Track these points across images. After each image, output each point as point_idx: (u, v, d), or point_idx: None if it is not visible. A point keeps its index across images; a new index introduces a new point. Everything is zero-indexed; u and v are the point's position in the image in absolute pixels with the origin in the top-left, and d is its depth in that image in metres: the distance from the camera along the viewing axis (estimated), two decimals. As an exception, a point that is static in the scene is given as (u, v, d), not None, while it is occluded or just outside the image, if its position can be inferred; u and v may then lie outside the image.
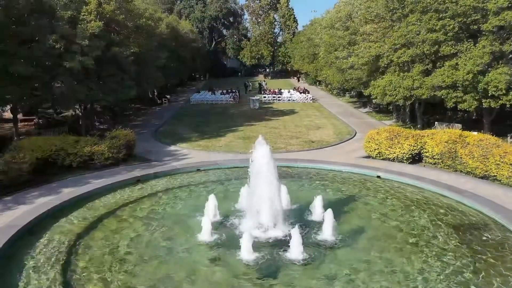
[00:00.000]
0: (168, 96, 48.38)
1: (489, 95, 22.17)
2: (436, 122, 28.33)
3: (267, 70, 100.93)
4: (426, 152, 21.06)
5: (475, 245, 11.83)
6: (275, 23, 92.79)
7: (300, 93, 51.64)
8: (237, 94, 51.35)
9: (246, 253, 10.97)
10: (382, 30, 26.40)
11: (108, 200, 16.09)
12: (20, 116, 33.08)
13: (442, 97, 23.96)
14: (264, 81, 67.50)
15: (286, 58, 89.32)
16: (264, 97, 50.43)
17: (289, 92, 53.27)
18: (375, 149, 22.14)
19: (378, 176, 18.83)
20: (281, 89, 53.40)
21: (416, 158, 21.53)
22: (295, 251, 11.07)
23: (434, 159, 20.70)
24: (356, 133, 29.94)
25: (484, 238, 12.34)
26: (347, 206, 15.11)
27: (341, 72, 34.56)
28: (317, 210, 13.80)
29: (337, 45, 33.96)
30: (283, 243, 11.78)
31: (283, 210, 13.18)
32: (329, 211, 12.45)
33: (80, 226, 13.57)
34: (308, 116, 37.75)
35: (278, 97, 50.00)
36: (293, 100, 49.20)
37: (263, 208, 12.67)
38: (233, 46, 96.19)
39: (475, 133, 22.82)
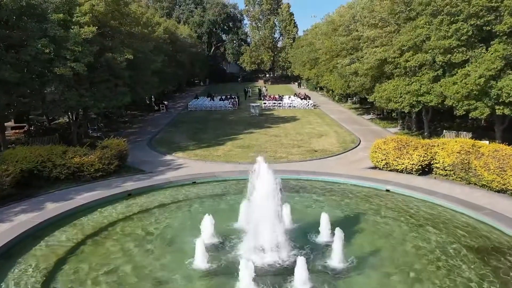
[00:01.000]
0: (165, 102, 47.12)
1: (502, 101, 20.93)
2: (444, 130, 27.07)
3: (267, 75, 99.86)
4: (436, 163, 19.84)
5: (504, 274, 10.52)
6: (275, 28, 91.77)
7: (301, 99, 50.46)
8: (237, 100, 50.16)
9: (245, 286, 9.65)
10: (387, 34, 25.19)
11: (95, 217, 14.80)
12: (11, 123, 31.89)
13: (453, 104, 22.72)
14: (265, 86, 66.33)
15: (286, 64, 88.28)
16: (264, 103, 49.23)
17: (289, 98, 52.08)
18: (382, 160, 20.88)
19: (387, 190, 17.55)
20: (281, 95, 52.17)
21: (426, 170, 20.32)
22: (301, 283, 9.77)
23: (446, 170, 19.47)
24: (360, 141, 28.67)
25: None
26: (356, 225, 13.82)
27: (343, 79, 33.33)
28: (324, 230, 12.50)
29: (339, 50, 32.80)
30: (286, 271, 10.47)
31: (286, 230, 11.93)
32: (338, 232, 11.14)
33: (62, 249, 12.25)
34: (309, 123, 36.51)
35: (279, 103, 48.81)
36: (294, 107, 47.99)
37: (264, 230, 11.41)
38: (233, 51, 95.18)
39: (487, 142, 21.62)
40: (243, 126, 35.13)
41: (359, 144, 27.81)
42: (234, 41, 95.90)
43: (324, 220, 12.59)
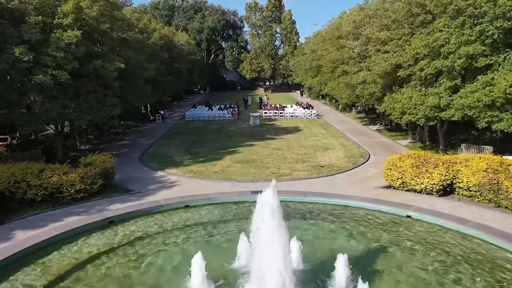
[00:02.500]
0: (161, 112, 44.91)
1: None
2: (462, 144, 24.81)
3: (268, 83, 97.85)
4: (459, 182, 17.66)
5: None
6: (276, 35, 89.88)
7: (304, 108, 48.30)
8: (236, 109, 48.01)
9: None
10: (400, 37, 23.04)
11: (69, 252, 12.56)
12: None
13: (474, 115, 20.53)
14: (266, 95, 64.15)
15: (287, 72, 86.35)
16: (265, 112, 47.08)
17: (292, 107, 49.95)
18: (398, 179, 18.69)
19: (408, 216, 15.30)
20: (283, 105, 49.98)
21: (447, 189, 18.12)
22: None
23: (470, 191, 17.34)
24: (369, 155, 26.45)
25: None
26: (376, 265, 11.56)
27: (350, 88, 31.15)
28: (341, 277, 10.21)
29: (346, 57, 30.69)
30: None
31: (294, 272, 9.74)
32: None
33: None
34: (314, 135, 34.29)
35: (280, 113, 46.65)
36: (296, 116, 45.83)
37: (268, 273, 9.21)
38: (232, 58, 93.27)
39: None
40: (242, 138, 32.92)
41: (368, 159, 25.60)
42: (234, 49, 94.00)
43: (341, 264, 10.29)
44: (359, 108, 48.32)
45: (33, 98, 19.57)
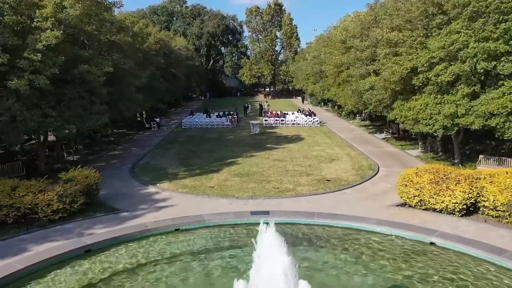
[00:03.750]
0: (157, 119, 42.86)
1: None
2: (480, 156, 22.80)
3: (267, 89, 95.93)
4: (485, 201, 15.70)
5: None
6: (277, 40, 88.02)
7: (306, 115, 46.31)
8: (235, 116, 46.03)
9: None
10: (415, 38, 21.11)
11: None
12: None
13: (497, 126, 18.58)
14: (266, 102, 62.11)
15: (288, 77, 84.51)
16: (266, 120, 45.08)
17: (293, 114, 47.98)
18: (414, 196, 16.74)
19: (432, 243, 13.28)
20: (285, 112, 47.96)
21: (471, 209, 16.15)
22: None
23: (498, 211, 15.37)
24: (379, 167, 24.43)
25: None
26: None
27: (357, 94, 29.20)
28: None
29: (352, 58, 28.74)
30: None
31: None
32: None
33: None
34: (317, 144, 32.27)
35: (281, 120, 44.66)
36: (298, 124, 43.80)
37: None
38: (232, 64, 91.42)
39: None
40: (242, 148, 30.90)
41: (378, 171, 23.59)
42: (234, 54, 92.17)
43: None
44: (363, 115, 46.40)
45: (8, 106, 17.55)
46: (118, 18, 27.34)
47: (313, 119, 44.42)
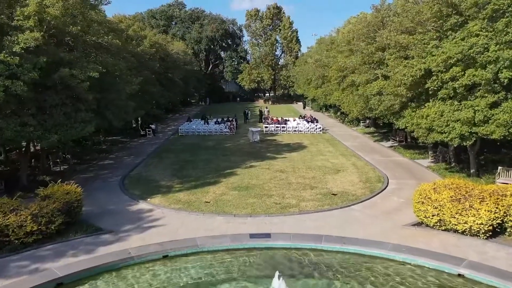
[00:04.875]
0: (152, 126, 41.02)
1: None
2: (499, 167, 20.95)
3: (268, 94, 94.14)
4: (513, 221, 13.94)
5: None
6: (277, 44, 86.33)
7: (308, 122, 44.50)
8: (234, 123, 44.22)
9: None
10: (427, 41, 19.37)
11: None
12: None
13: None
14: (266, 107, 60.23)
15: (288, 82, 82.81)
16: (266, 127, 43.25)
17: (294, 120, 46.16)
18: (433, 215, 14.98)
19: (460, 275, 11.45)
20: (286, 119, 46.08)
21: (497, 230, 14.39)
22: None
23: (529, 233, 13.55)
24: (388, 179, 22.63)
25: None
26: None
27: (363, 100, 27.44)
28: None
29: (359, 60, 26.99)
30: None
31: None
32: None
33: None
34: (321, 153, 30.43)
35: (282, 127, 42.83)
36: (300, 131, 41.95)
37: None
38: (231, 69, 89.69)
39: None
40: (241, 157, 29.07)
41: (388, 184, 21.79)
42: (233, 59, 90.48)
43: None
44: (367, 121, 44.64)
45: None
46: (110, 19, 25.71)
47: (316, 125, 42.63)
